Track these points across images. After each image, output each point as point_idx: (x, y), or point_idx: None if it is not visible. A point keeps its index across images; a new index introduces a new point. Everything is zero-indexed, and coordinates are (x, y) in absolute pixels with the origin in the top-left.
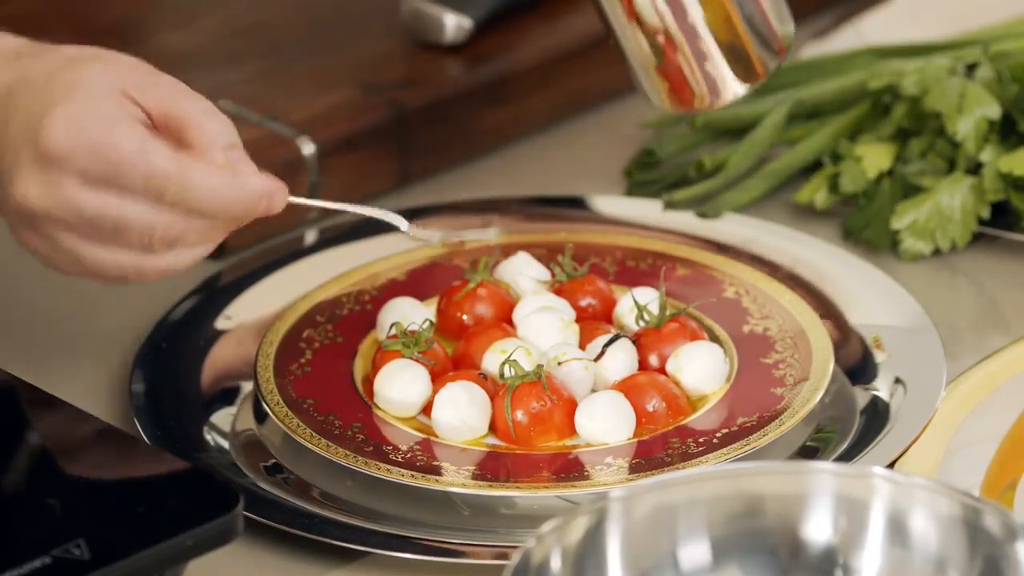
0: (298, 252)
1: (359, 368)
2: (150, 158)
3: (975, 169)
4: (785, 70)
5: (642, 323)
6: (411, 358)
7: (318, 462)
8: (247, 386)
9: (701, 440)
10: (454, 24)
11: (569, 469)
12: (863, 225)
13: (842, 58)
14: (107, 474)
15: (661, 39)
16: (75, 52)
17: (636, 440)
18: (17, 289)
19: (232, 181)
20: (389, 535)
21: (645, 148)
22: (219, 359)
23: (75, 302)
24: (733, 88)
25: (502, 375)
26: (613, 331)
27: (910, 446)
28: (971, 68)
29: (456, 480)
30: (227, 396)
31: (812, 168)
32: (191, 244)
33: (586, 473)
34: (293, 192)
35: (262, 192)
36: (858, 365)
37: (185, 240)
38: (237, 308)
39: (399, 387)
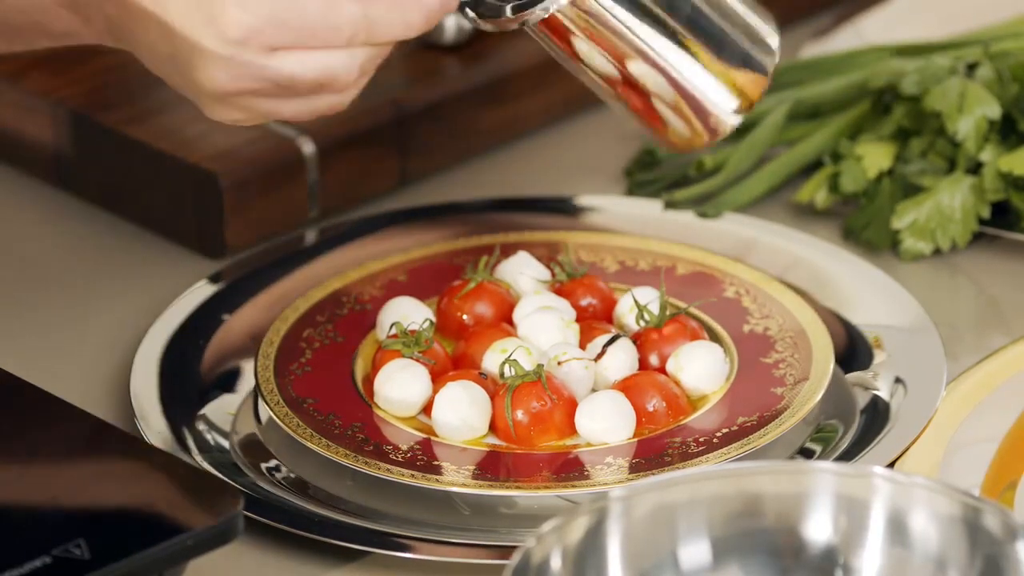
0: (298, 252)
1: (359, 368)
2: (336, 11)
3: (975, 169)
4: (785, 70)
5: (642, 323)
6: (411, 358)
7: (318, 462)
8: (247, 386)
9: (701, 440)
10: (454, 24)
11: (569, 469)
12: (863, 225)
13: (842, 58)
14: (107, 474)
15: (629, 87)
16: None
17: (636, 440)
18: (17, 289)
19: (412, 5)
20: (389, 535)
21: (645, 148)
22: (219, 358)
23: (75, 301)
24: (723, 126)
25: (502, 375)
26: (613, 331)
27: (910, 446)
28: (971, 68)
29: (456, 480)
30: (227, 396)
31: (812, 168)
32: (376, 67)
33: (586, 473)
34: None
35: (439, 3)
36: (858, 365)
37: (373, 66)
38: (237, 308)
39: (399, 387)
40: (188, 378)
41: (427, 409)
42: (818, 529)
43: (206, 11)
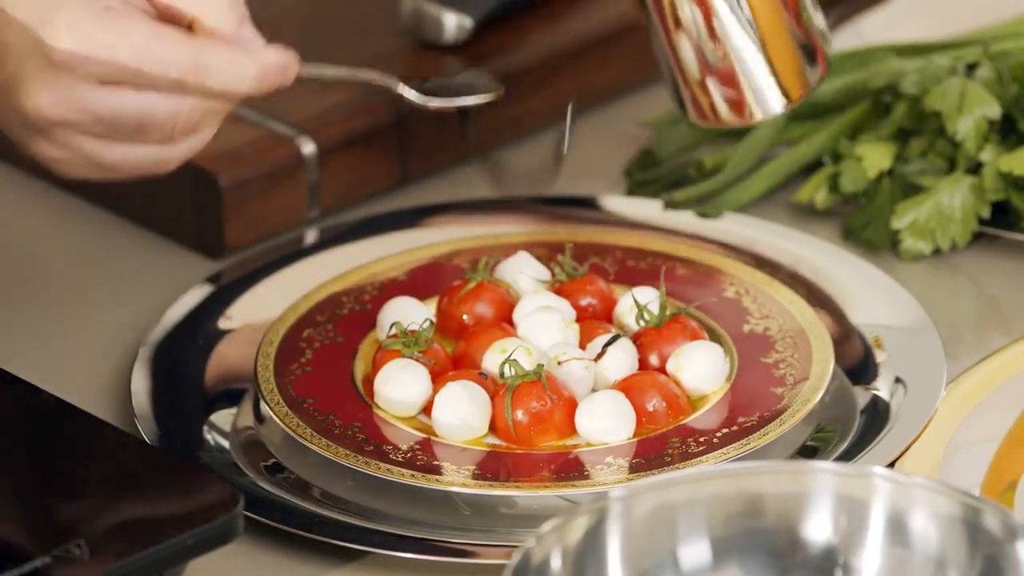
0: (298, 252)
1: (359, 368)
2: (165, 48)
3: (975, 169)
4: None
5: (642, 323)
6: (411, 358)
7: (318, 462)
8: (247, 385)
9: (701, 440)
10: (454, 24)
11: (569, 469)
12: (863, 225)
13: (842, 58)
14: (107, 474)
15: (702, 52)
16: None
17: (636, 440)
18: (17, 288)
19: (248, 58)
20: (389, 535)
21: (645, 148)
22: (219, 359)
23: (75, 301)
24: (772, 106)
25: (502, 375)
26: (613, 331)
27: (910, 446)
28: (971, 68)
29: (456, 480)
30: (227, 396)
31: (812, 168)
32: (207, 125)
33: (586, 473)
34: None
35: (278, 65)
36: (858, 365)
37: (205, 123)
38: (237, 308)
39: (399, 387)
40: (188, 378)
41: (427, 409)
42: (818, 529)
43: (36, 35)
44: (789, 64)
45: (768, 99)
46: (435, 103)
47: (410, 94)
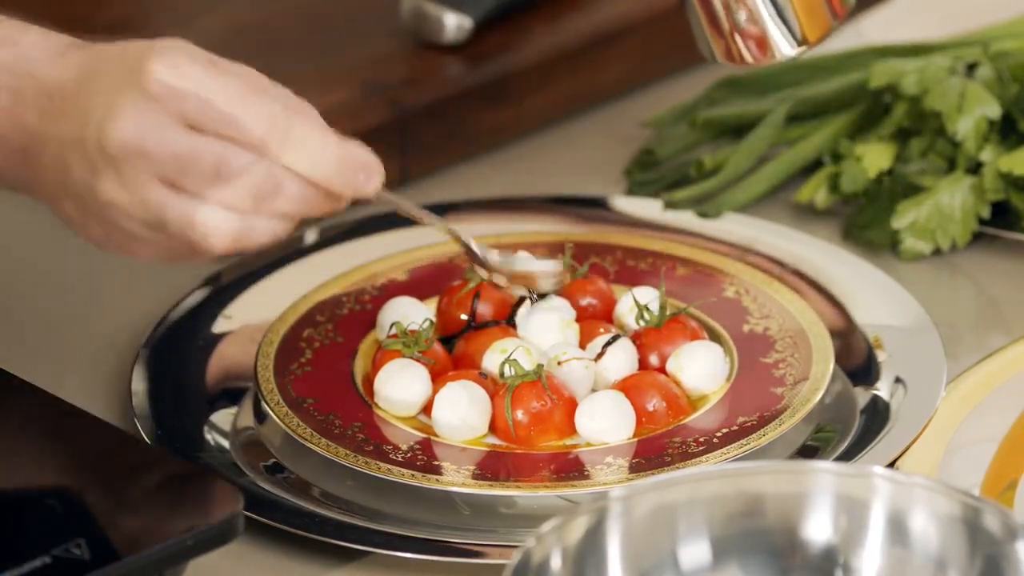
0: (298, 252)
1: (359, 368)
2: (258, 103)
3: (975, 169)
4: (785, 69)
5: (642, 322)
6: (411, 358)
7: (318, 462)
8: (247, 385)
9: (701, 440)
10: (454, 23)
11: (569, 469)
12: (863, 225)
13: (842, 57)
14: (107, 474)
15: None
16: (138, 43)
17: (636, 440)
18: (18, 288)
19: (337, 142)
20: (389, 534)
21: (645, 148)
22: (219, 359)
23: (76, 302)
24: (786, 48)
25: (502, 374)
26: (613, 331)
27: (910, 446)
28: (971, 68)
29: (456, 480)
30: (227, 396)
31: (812, 168)
32: (275, 213)
33: (586, 473)
34: None
35: (365, 162)
36: (858, 365)
37: (273, 202)
38: (237, 308)
39: (399, 387)
40: (188, 378)
41: (427, 409)
42: (818, 529)
43: (133, 65)
44: (809, 5)
45: (787, 39)
46: (506, 269)
47: (487, 253)
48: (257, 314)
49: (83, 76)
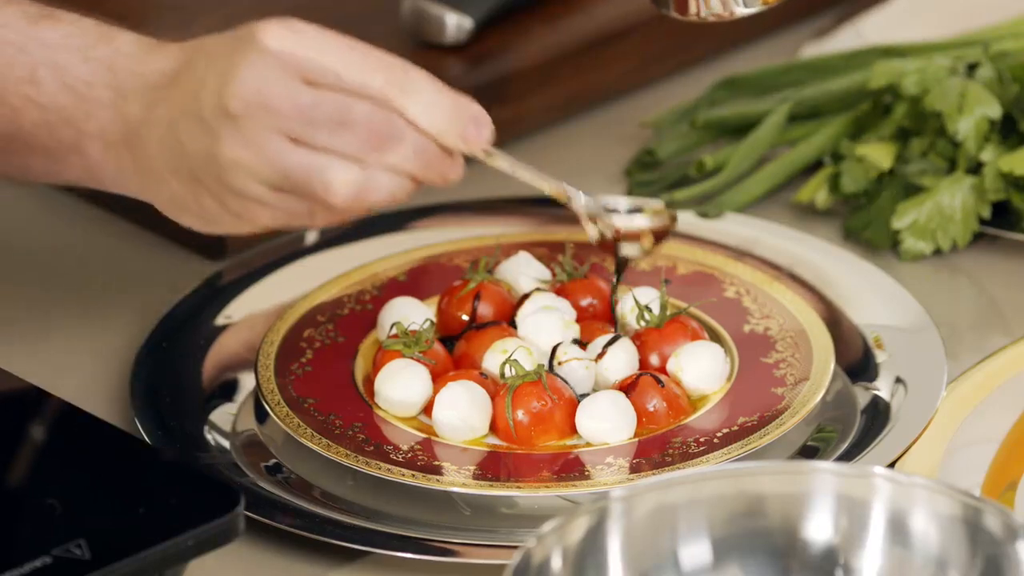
0: (298, 252)
1: (360, 368)
2: (371, 60)
3: (976, 169)
4: (786, 70)
5: (643, 323)
6: (412, 358)
7: (319, 462)
8: (248, 385)
9: (702, 440)
10: (455, 24)
11: (570, 469)
12: (864, 225)
13: (843, 58)
14: (108, 474)
15: None
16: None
17: (637, 440)
18: (18, 288)
19: (452, 93)
20: (390, 535)
21: (646, 148)
22: (220, 359)
23: (76, 302)
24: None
25: (503, 375)
26: (613, 331)
27: (911, 446)
28: (972, 68)
29: (457, 480)
30: (228, 395)
31: (813, 168)
32: (393, 166)
33: (587, 473)
34: None
35: (476, 114)
36: (859, 365)
37: (395, 152)
38: (238, 308)
39: (400, 387)
40: (188, 378)
41: (428, 409)
42: (819, 529)
43: (243, 34)
44: None
45: None
46: (611, 218)
47: (586, 203)
48: (258, 314)
49: (187, 60)
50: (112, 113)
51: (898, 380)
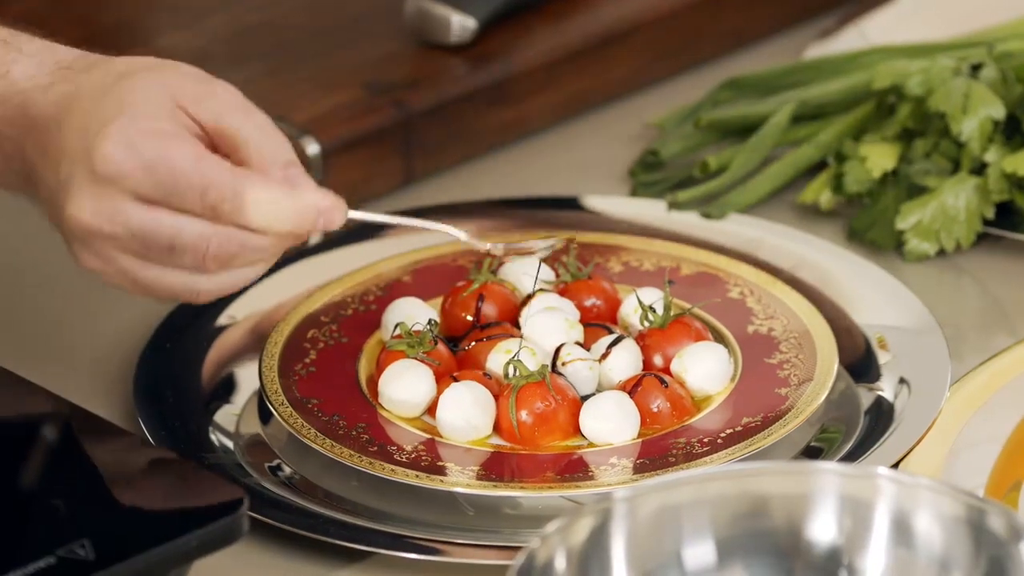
0: (302, 252)
1: (364, 368)
2: (205, 173)
3: (980, 169)
4: (789, 70)
5: (647, 323)
6: (416, 358)
7: (323, 462)
8: (252, 386)
9: (706, 440)
10: (458, 24)
11: (573, 469)
12: (868, 225)
13: (846, 59)
14: (112, 474)
15: None
16: (126, 65)
17: (640, 440)
18: (20, 288)
19: (289, 195)
20: (394, 535)
21: (649, 148)
22: (223, 359)
23: (79, 302)
24: None
25: (506, 375)
26: (617, 331)
27: (914, 446)
28: (976, 68)
29: (461, 480)
30: (231, 396)
31: (816, 168)
32: (245, 263)
33: (590, 473)
34: None
35: (320, 207)
36: (862, 365)
37: (240, 258)
38: (241, 308)
39: (404, 387)
40: (192, 379)
41: (431, 410)
42: (822, 530)
43: (89, 144)
44: None
45: None
46: (501, 248)
47: (478, 244)
48: (261, 314)
49: (61, 117)
50: (13, 146)
51: (902, 381)
